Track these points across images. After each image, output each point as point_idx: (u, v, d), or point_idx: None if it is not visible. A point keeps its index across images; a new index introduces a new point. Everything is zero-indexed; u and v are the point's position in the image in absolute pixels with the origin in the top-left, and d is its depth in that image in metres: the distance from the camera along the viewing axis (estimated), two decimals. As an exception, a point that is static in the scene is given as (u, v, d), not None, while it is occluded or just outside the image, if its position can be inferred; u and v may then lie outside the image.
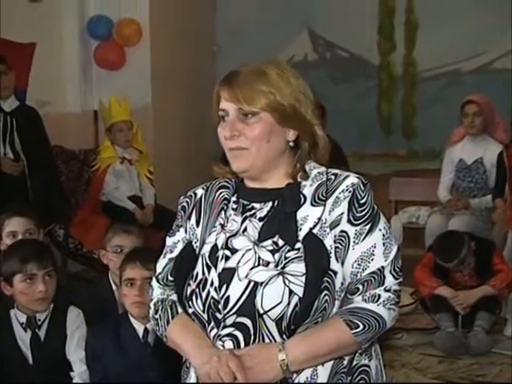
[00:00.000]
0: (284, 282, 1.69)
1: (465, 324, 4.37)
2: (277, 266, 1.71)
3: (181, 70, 6.56)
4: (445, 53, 6.45)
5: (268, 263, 1.72)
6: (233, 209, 1.83)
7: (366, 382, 1.78)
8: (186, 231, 1.88)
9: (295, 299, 1.68)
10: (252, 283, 1.71)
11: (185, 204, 1.90)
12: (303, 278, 1.68)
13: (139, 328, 2.83)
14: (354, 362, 1.78)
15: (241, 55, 6.79)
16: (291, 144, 1.81)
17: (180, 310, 1.84)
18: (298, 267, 1.69)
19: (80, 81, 6.30)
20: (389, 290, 1.74)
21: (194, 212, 1.87)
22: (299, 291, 1.68)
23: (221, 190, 1.87)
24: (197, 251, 1.82)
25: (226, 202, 1.84)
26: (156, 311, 1.88)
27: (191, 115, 6.69)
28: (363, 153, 6.64)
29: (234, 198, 1.84)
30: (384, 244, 1.75)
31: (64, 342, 2.86)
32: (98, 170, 5.41)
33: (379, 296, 1.73)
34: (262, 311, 1.69)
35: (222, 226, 1.81)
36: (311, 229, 1.74)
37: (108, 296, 3.26)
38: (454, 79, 6.52)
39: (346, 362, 1.76)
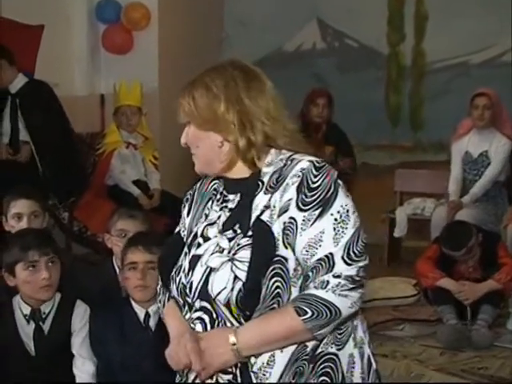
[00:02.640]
0: (231, 268, 1.72)
1: (467, 316, 4.37)
2: (229, 252, 1.75)
3: (188, 56, 6.54)
4: (454, 45, 6.42)
5: (223, 250, 1.77)
6: (217, 200, 1.88)
7: (332, 371, 1.76)
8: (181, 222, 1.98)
9: (239, 284, 1.70)
10: (208, 269, 1.76)
11: (188, 196, 1.98)
12: (248, 264, 1.71)
13: (140, 312, 2.84)
14: (319, 350, 1.76)
15: (248, 43, 6.77)
16: (223, 143, 1.81)
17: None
18: (246, 253, 1.72)
19: (87, 64, 6.29)
20: (339, 276, 1.70)
21: (187, 203, 1.96)
22: (243, 276, 1.70)
23: (214, 182, 1.92)
24: (184, 240, 1.89)
25: (215, 192, 1.90)
26: (159, 295, 1.98)
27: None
28: (369, 143, 6.62)
29: (221, 189, 1.89)
30: (335, 229, 1.71)
31: (68, 337, 2.82)
32: (103, 153, 5.41)
33: (328, 282, 1.70)
34: (212, 296, 1.74)
35: (206, 216, 1.87)
36: (259, 215, 1.75)
37: (112, 280, 3.25)
38: (463, 71, 6.50)
39: (308, 349, 1.75)
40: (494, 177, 5.22)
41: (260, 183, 1.79)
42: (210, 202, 1.88)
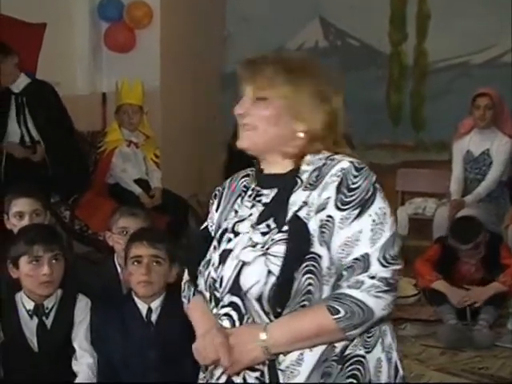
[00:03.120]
0: (265, 263, 1.71)
1: (467, 316, 4.37)
2: (263, 247, 1.75)
3: (190, 54, 6.55)
4: (455, 45, 6.43)
5: (256, 244, 1.76)
6: (248, 195, 1.87)
7: (360, 373, 1.75)
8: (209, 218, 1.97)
9: (272, 279, 1.69)
10: (240, 263, 1.75)
11: (217, 192, 1.98)
12: (282, 259, 1.71)
13: (143, 308, 2.85)
14: (347, 352, 1.75)
15: (251, 41, 6.77)
16: (300, 135, 1.81)
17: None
18: (281, 248, 1.71)
19: (89, 63, 6.29)
20: (374, 277, 1.69)
21: (216, 199, 1.95)
22: (276, 271, 1.70)
23: (244, 179, 1.93)
24: (212, 235, 1.89)
25: (244, 189, 1.90)
26: (184, 290, 1.97)
27: (199, 99, 6.68)
28: (371, 142, 6.62)
29: (253, 186, 1.88)
30: (372, 230, 1.71)
31: (70, 331, 2.85)
32: (104, 152, 5.42)
33: (363, 282, 1.69)
34: (244, 289, 1.73)
35: (236, 212, 1.87)
36: (296, 211, 1.75)
37: (113, 278, 3.26)
38: (464, 71, 6.50)
39: (337, 351, 1.74)
40: (498, 178, 5.23)
41: (298, 180, 1.80)
42: (240, 199, 1.88)
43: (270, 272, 1.70)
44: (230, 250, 1.79)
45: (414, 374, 3.85)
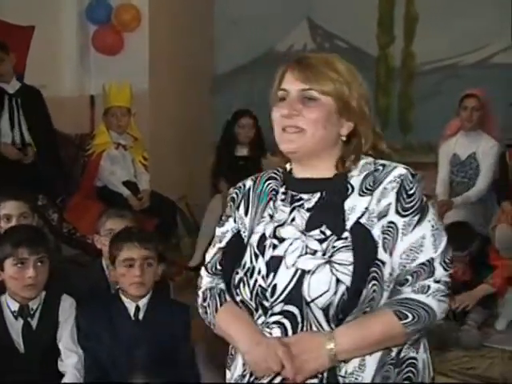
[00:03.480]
0: (331, 271, 1.69)
1: (457, 315, 4.38)
2: (324, 254, 1.71)
3: (179, 57, 6.55)
4: (443, 47, 6.45)
5: (315, 252, 1.72)
6: (281, 199, 1.83)
7: (413, 375, 1.77)
8: (235, 221, 1.89)
9: (342, 288, 1.68)
10: (299, 271, 1.72)
11: (234, 195, 1.93)
12: (351, 267, 1.68)
13: (131, 306, 2.86)
14: (402, 354, 1.76)
15: (240, 43, 6.79)
16: (343, 138, 1.81)
17: (228, 298, 1.85)
18: (346, 256, 1.69)
19: (77, 65, 6.28)
20: (438, 282, 1.73)
21: (242, 202, 1.89)
22: (346, 280, 1.68)
23: (269, 182, 1.88)
24: (245, 241, 1.83)
25: (274, 192, 1.85)
26: (204, 299, 1.90)
27: (188, 102, 6.68)
28: (359, 144, 6.63)
29: (282, 189, 1.85)
30: (433, 235, 1.75)
31: (56, 331, 2.85)
32: (92, 154, 5.41)
33: (429, 287, 1.73)
34: (309, 299, 1.70)
35: (271, 216, 1.82)
36: (359, 218, 1.73)
37: (100, 280, 3.26)
38: (453, 73, 6.52)
39: (393, 354, 1.75)
40: (488, 184, 5.23)
41: (349, 186, 1.78)
42: (272, 202, 1.83)
43: (339, 281, 1.68)
44: (281, 257, 1.75)
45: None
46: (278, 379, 1.73)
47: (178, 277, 5.34)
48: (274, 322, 1.74)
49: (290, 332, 1.72)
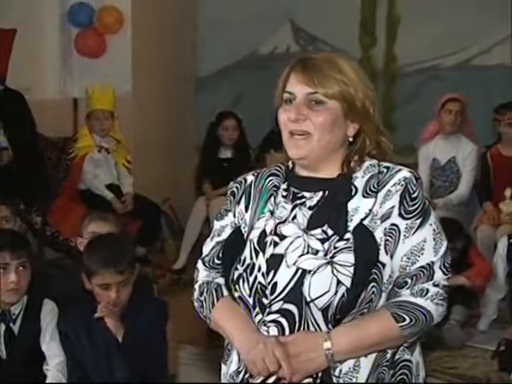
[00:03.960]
0: (332, 272, 1.69)
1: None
2: (325, 254, 1.71)
3: (162, 60, 6.54)
4: (425, 48, 6.47)
5: (317, 251, 1.72)
6: (283, 196, 1.83)
7: (406, 377, 1.78)
8: (234, 216, 1.88)
9: (342, 289, 1.68)
10: (300, 271, 1.71)
11: (234, 189, 1.91)
12: (351, 269, 1.68)
13: None
14: (397, 356, 1.77)
15: (222, 46, 6.79)
16: (350, 139, 1.81)
17: (226, 293, 1.83)
18: (347, 257, 1.69)
19: (60, 68, 6.26)
20: (437, 285, 1.74)
21: (243, 197, 1.88)
22: (347, 281, 1.68)
23: (271, 178, 1.87)
24: (245, 236, 1.82)
25: (275, 189, 1.84)
26: (201, 293, 1.88)
27: (171, 105, 6.68)
28: (342, 146, 6.65)
29: (284, 186, 1.84)
30: (434, 239, 1.76)
31: (39, 336, 2.83)
32: (75, 158, 5.39)
33: (427, 290, 1.73)
34: (309, 299, 1.70)
35: (272, 212, 1.81)
36: (362, 220, 1.73)
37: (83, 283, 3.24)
38: (434, 75, 6.55)
39: (388, 356, 1.76)
40: (470, 189, 5.27)
41: (353, 187, 1.77)
42: (273, 199, 1.82)
43: (339, 282, 1.68)
44: (281, 256, 1.74)
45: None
46: (272, 378, 1.73)
47: (161, 279, 5.34)
48: (272, 321, 1.73)
49: (287, 331, 1.72)
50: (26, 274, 2.82)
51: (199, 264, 1.93)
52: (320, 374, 1.72)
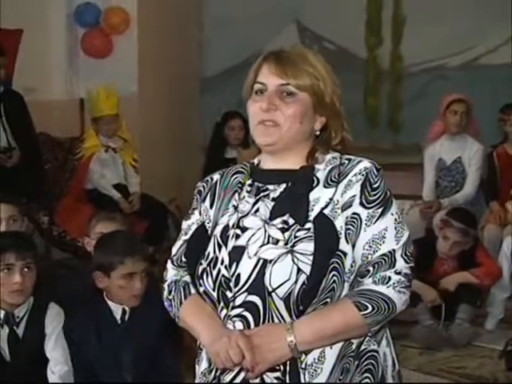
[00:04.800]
0: (293, 260, 1.70)
1: (445, 316, 4.40)
2: (286, 244, 1.73)
3: (168, 60, 6.55)
4: (431, 48, 6.46)
5: (277, 241, 1.74)
6: (247, 191, 1.85)
7: (373, 367, 1.78)
8: (200, 214, 1.90)
9: (303, 277, 1.69)
10: (261, 261, 1.72)
11: (201, 188, 1.94)
12: (311, 257, 1.70)
13: (117, 309, 2.86)
14: (363, 347, 1.77)
15: (228, 46, 6.79)
16: (317, 133, 1.85)
17: (193, 290, 1.84)
18: (308, 246, 1.71)
19: (66, 68, 6.29)
20: (399, 273, 1.75)
21: (208, 195, 1.90)
22: (307, 269, 1.69)
23: (236, 175, 1.89)
24: (209, 232, 1.84)
25: (239, 185, 1.87)
26: (169, 292, 1.89)
27: (177, 104, 6.68)
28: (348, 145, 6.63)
29: (249, 182, 1.87)
30: (396, 228, 1.77)
31: (43, 340, 2.81)
32: (81, 158, 5.40)
33: (389, 278, 1.74)
34: (270, 289, 1.70)
35: (235, 207, 1.83)
36: (322, 209, 1.75)
37: (91, 284, 3.24)
38: (440, 74, 6.55)
39: (354, 347, 1.76)
40: (475, 188, 5.28)
41: (315, 178, 1.80)
42: (237, 195, 1.84)
43: (299, 270, 1.69)
44: (243, 247, 1.76)
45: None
46: (241, 375, 1.74)
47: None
48: (236, 316, 1.74)
49: (252, 325, 1.73)
50: (31, 275, 2.81)
51: (168, 264, 1.95)
52: (288, 369, 1.73)
